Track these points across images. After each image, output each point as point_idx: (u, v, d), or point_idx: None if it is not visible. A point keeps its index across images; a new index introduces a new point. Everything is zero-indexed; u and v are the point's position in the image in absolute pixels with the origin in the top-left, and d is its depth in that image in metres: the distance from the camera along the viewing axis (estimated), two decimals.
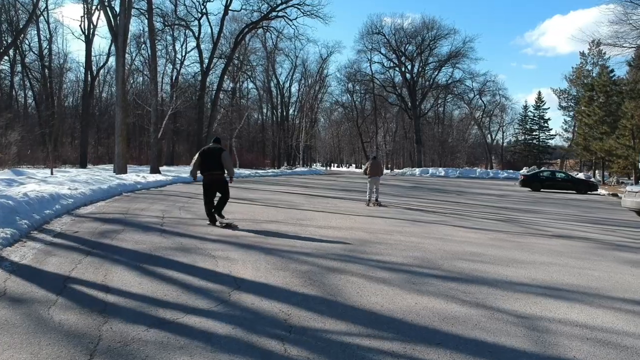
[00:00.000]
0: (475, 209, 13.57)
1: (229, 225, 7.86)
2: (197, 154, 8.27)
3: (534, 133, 62.47)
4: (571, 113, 56.21)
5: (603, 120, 27.63)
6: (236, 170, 36.65)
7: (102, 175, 19.87)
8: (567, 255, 6.74)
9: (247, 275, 4.78)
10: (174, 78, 44.44)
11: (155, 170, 25.38)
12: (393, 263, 5.62)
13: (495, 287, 4.70)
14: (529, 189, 25.90)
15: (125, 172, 22.56)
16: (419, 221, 9.87)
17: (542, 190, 25.51)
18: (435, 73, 50.29)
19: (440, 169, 46.22)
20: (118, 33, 22.21)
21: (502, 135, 69.61)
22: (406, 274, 5.12)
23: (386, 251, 6.34)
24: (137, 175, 19.59)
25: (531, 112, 62.21)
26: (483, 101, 62.23)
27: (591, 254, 6.97)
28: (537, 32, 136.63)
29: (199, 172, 8.18)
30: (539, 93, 62.87)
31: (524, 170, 47.29)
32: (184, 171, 30.56)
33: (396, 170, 54.37)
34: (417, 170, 45.81)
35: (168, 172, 27.91)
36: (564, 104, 55.25)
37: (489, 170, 45.80)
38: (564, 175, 26.89)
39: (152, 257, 5.53)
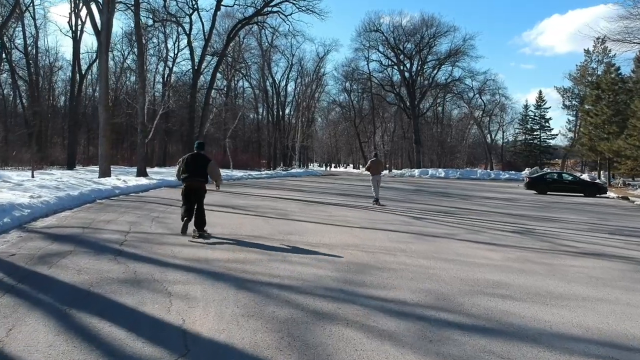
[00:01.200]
0: (485, 217, 12.35)
1: (208, 237, 7.41)
2: (181, 160, 7.91)
3: (535, 133, 61.33)
4: (575, 112, 55.05)
5: (611, 119, 26.45)
6: (229, 172, 35.41)
7: (83, 179, 18.60)
8: (611, 284, 5.51)
9: (205, 328, 3.53)
10: (166, 77, 43.13)
11: (142, 173, 24.09)
12: (400, 302, 4.38)
13: (540, 345, 3.46)
14: (535, 192, 24.73)
15: (109, 174, 21.28)
16: (425, 235, 8.64)
17: (548, 193, 24.33)
18: (435, 72, 49.16)
19: (440, 169, 45.05)
20: (101, 28, 20.91)
21: (502, 135, 68.51)
22: (418, 321, 3.87)
23: (390, 281, 5.10)
24: (117, 179, 18.33)
25: (532, 111, 61.11)
26: (483, 100, 61.10)
27: (638, 281, 5.75)
28: (535, 31, 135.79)
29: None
30: (540, 92, 61.40)
31: (526, 172, 46.18)
32: (174, 173, 29.32)
33: (395, 171, 53.16)
34: (416, 171, 44.62)
35: (156, 175, 26.64)
36: (567, 103, 54.06)
37: (490, 171, 44.66)
38: (571, 177, 25.70)
39: (89, 295, 4.28)
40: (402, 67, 48.91)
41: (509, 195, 21.90)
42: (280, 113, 59.08)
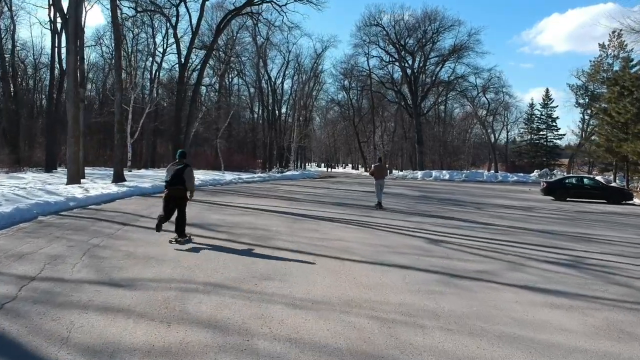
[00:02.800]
0: (513, 236, 10.05)
1: (188, 241, 7.98)
2: (167, 169, 8.32)
3: (541, 132, 59.11)
4: (583, 110, 52.75)
5: (637, 118, 24.12)
6: (219, 175, 33.06)
7: (41, 187, 16.30)
8: None
9: None
10: (154, 73, 40.74)
11: (119, 177, 21.75)
12: None
13: None
14: (552, 198, 22.46)
15: (77, 181, 18.93)
16: (455, 275, 6.31)
17: (567, 199, 22.05)
18: (438, 68, 46.74)
19: (444, 171, 42.77)
20: (68, 14, 18.52)
21: (506, 135, 66.21)
22: None
23: None
24: (81, 186, 15.98)
25: (538, 110, 58.89)
26: (487, 99, 58.76)
27: None
28: (534, 30, 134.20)
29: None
30: (547, 90, 59.10)
31: (535, 174, 44.02)
32: (158, 177, 26.91)
33: (396, 173, 50.83)
34: (419, 173, 42.32)
35: (137, 178, 24.28)
36: (581, 101, 51.63)
37: (497, 173, 42.38)
38: (592, 182, 23.39)
39: None
40: (404, 64, 46.54)
41: (526, 203, 19.60)
42: (277, 112, 56.76)
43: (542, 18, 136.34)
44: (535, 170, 44.75)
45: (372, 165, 15.19)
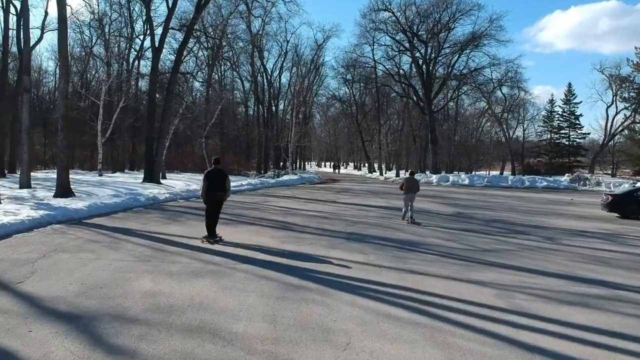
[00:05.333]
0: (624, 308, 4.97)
1: (218, 241, 9.13)
2: (204, 177, 9.22)
3: (563, 131, 54.17)
4: (608, 106, 47.67)
5: None
6: (199, 182, 28.07)
7: None
8: None
9: None
10: (130, 63, 35.66)
11: (63, 189, 16.72)
12: None
13: None
14: (618, 215, 17.49)
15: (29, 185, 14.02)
16: None
17: None
18: (455, 58, 41.54)
19: (462, 175, 37.74)
20: None
21: (523, 134, 61.07)
22: None
23: None
24: None
25: (560, 106, 53.92)
26: (503, 94, 53.56)
27: None
28: (535, 28, 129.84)
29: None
30: (569, 85, 54.13)
31: (566, 178, 39.00)
32: (130, 185, 21.84)
33: (406, 176, 45.73)
34: (433, 178, 37.25)
35: (100, 189, 19.24)
36: (626, 94, 46.20)
37: (523, 177, 37.33)
38: None
39: None
40: (415, 54, 41.34)
41: (597, 225, 14.57)
42: (273, 108, 51.61)
43: (545, 15, 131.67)
44: (566, 174, 39.68)
45: (403, 179, 14.59)
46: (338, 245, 9.50)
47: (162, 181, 25.38)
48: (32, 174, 29.74)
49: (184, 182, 25.63)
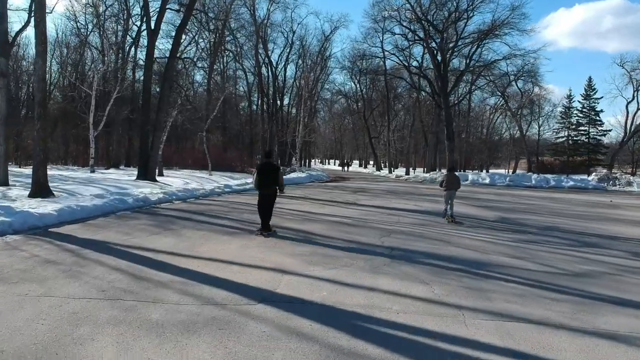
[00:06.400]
0: None
1: (273, 234, 9.16)
2: (256, 170, 9.44)
3: (582, 128, 51.48)
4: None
5: None
6: (205, 177, 25.67)
7: None
8: None
9: None
10: (125, 51, 33.19)
11: (39, 187, 14.35)
12: None
13: None
14: None
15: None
16: None
17: None
18: (473, 49, 38.87)
19: (482, 173, 35.32)
20: None
21: (538, 131, 58.42)
22: None
23: None
24: None
25: (580, 102, 51.19)
26: (519, 88, 50.93)
27: None
28: (539, 25, 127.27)
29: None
30: (590, 79, 51.13)
31: (594, 177, 36.52)
32: (122, 184, 19.44)
33: (419, 174, 43.27)
34: None
35: (86, 188, 16.83)
36: None
37: (547, 176, 34.78)
38: None
39: None
40: (430, 44, 38.73)
41: None
42: (278, 102, 49.12)
43: (549, 12, 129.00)
44: (593, 174, 37.15)
45: (443, 175, 13.88)
46: (382, 268, 7.05)
47: (158, 178, 22.96)
48: (20, 169, 27.42)
49: (182, 180, 23.21)
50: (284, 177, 30.98)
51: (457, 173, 14.30)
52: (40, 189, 14.42)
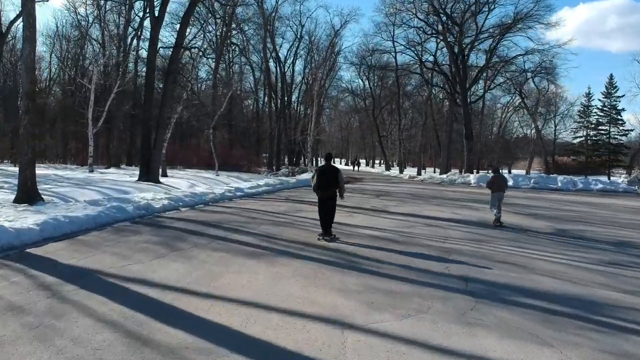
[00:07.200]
0: None
1: (334, 239, 8.77)
2: (315, 172, 9.25)
3: (601, 127, 49.34)
4: None
5: None
6: (212, 177, 23.85)
7: None
8: None
9: None
10: (128, 43, 31.35)
11: (24, 193, 12.51)
12: None
13: None
14: None
15: None
16: None
17: None
18: (493, 43, 36.83)
19: (505, 176, 33.23)
20: None
21: (554, 130, 56.27)
22: None
23: None
24: None
25: (600, 100, 49.00)
26: (537, 86, 48.80)
27: None
28: (563, 19, 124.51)
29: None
30: (611, 77, 48.92)
31: (623, 179, 34.56)
32: (119, 186, 17.53)
33: (433, 175, 41.30)
34: (471, 178, 32.80)
35: (81, 190, 14.96)
36: None
37: (573, 178, 32.78)
38: None
39: None
40: (448, 38, 36.70)
41: None
42: (286, 99, 47.19)
43: (554, 12, 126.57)
44: (623, 175, 35.18)
45: (491, 177, 13.14)
46: (471, 314, 5.15)
47: (161, 179, 21.09)
48: (15, 169, 25.57)
49: (187, 182, 21.33)
50: (299, 177, 29.10)
51: (479, 175, 13.23)
52: (27, 194, 12.55)
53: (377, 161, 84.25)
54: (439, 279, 6.57)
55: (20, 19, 22.89)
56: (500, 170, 13.72)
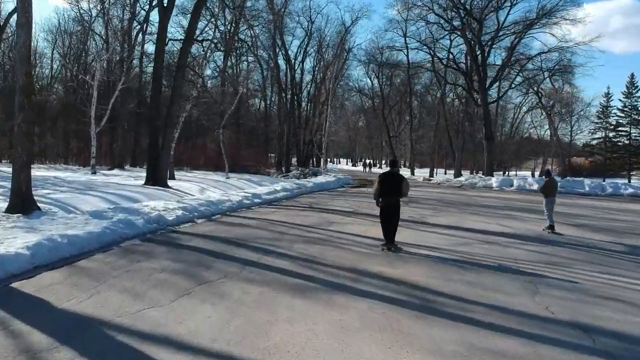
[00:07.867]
0: None
1: (398, 250, 8.40)
2: (378, 179, 8.66)
3: (621, 129, 47.68)
4: None
5: None
6: (222, 180, 22.32)
7: None
8: None
9: None
10: (133, 38, 29.85)
11: (19, 200, 11.01)
12: None
13: None
14: None
15: None
16: None
17: None
18: (516, 41, 35.18)
19: (528, 178, 31.80)
20: None
21: (571, 131, 54.58)
22: None
23: None
24: None
25: (621, 100, 47.32)
26: (554, 85, 47.19)
27: None
28: (590, 14, 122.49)
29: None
30: (632, 76, 47.22)
31: None
32: (124, 190, 15.95)
33: (449, 177, 39.69)
34: (492, 181, 31.27)
35: (81, 196, 13.41)
36: None
37: (603, 182, 31.15)
38: None
39: None
40: (468, 34, 35.06)
41: None
42: (295, 98, 45.63)
43: (581, 6, 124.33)
44: None
45: (544, 181, 12.61)
46: None
47: (169, 183, 19.57)
48: (10, 170, 24.14)
49: (197, 185, 19.80)
50: (315, 181, 27.54)
51: (502, 178, 12.41)
52: (22, 201, 11.04)
53: (383, 162, 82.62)
54: (550, 329, 5.00)
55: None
56: (552, 174, 13.17)
